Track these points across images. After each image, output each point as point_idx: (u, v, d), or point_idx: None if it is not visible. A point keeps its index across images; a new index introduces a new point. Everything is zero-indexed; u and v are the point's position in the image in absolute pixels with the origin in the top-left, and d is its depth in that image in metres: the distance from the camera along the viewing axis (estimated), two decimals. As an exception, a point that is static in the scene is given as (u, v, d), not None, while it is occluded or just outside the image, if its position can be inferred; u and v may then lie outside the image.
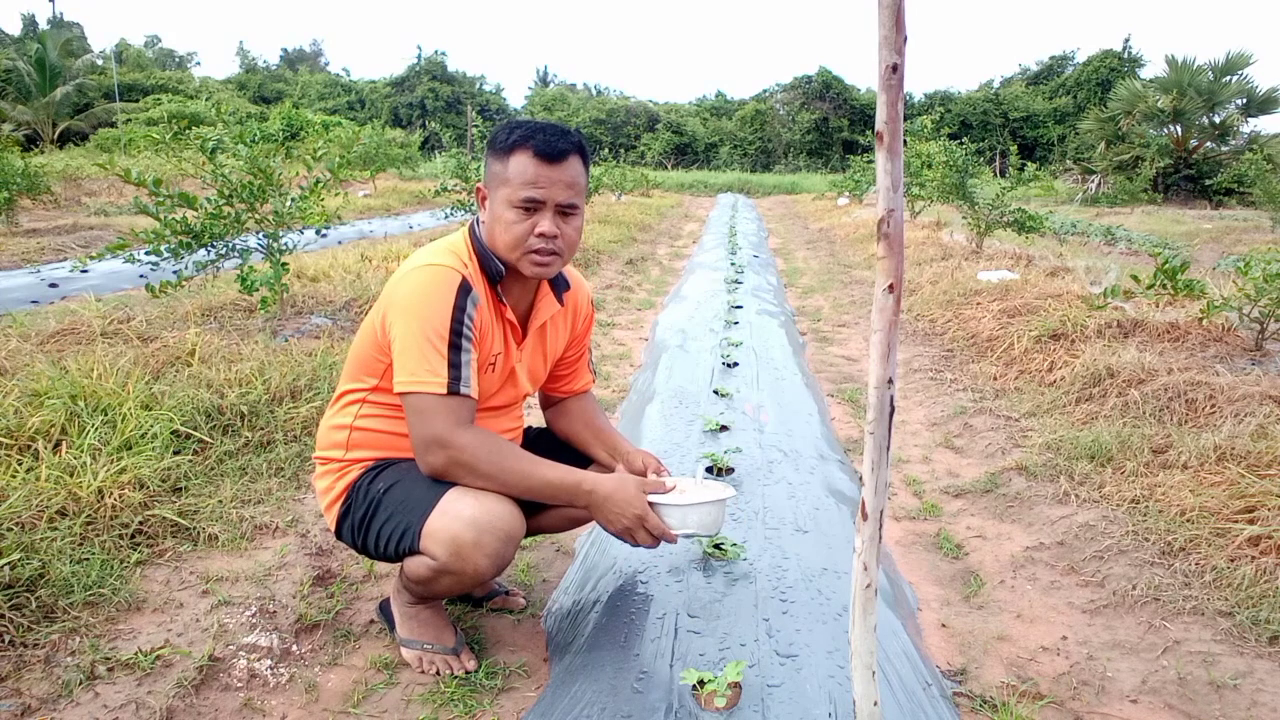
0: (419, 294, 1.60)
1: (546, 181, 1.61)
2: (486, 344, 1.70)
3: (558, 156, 1.61)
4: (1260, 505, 2.41)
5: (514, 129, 1.64)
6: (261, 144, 4.64)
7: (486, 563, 1.61)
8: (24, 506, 2.14)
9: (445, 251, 1.68)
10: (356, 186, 17.12)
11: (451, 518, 1.59)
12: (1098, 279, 6.25)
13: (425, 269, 1.63)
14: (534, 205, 1.62)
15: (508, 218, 1.63)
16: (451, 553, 1.59)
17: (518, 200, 1.61)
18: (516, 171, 1.61)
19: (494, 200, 1.66)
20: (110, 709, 1.62)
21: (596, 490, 1.66)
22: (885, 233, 1.10)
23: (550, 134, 1.63)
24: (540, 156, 1.60)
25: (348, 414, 1.77)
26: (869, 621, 1.24)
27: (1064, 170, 25.77)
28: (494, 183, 1.66)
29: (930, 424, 3.67)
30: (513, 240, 1.64)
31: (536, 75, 52.50)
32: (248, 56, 51.43)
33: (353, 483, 1.75)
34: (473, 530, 1.58)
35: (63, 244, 8.24)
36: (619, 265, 8.44)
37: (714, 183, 27.66)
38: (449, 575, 1.63)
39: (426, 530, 1.61)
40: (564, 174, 1.63)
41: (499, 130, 1.67)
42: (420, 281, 1.62)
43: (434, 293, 1.60)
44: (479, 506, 1.60)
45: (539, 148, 1.60)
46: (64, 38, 29.43)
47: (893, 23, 1.03)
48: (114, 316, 4.10)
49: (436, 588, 1.70)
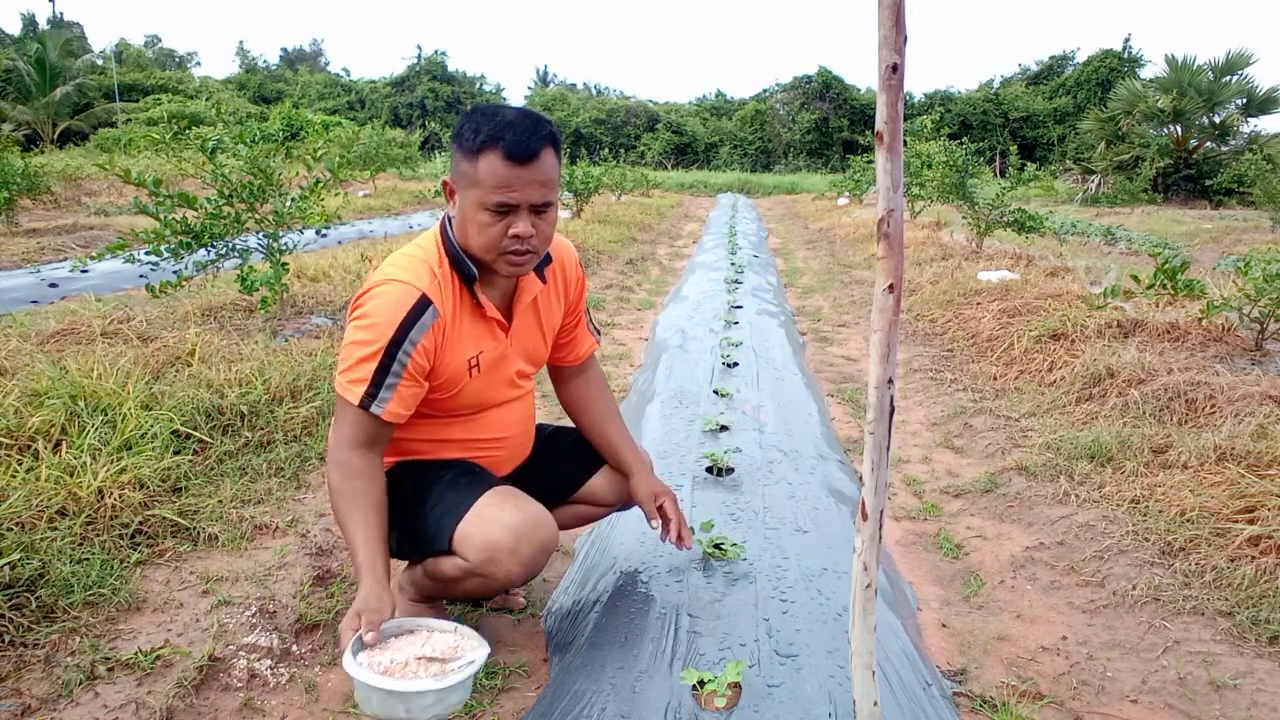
0: (372, 306, 1.58)
1: (519, 183, 1.52)
2: (456, 353, 1.66)
3: (530, 156, 1.52)
4: (1260, 505, 2.41)
5: (481, 124, 1.52)
6: (261, 144, 4.64)
7: (519, 570, 1.61)
8: (24, 506, 2.14)
9: (415, 260, 1.63)
10: (356, 186, 17.11)
11: (490, 522, 1.59)
12: (1098, 279, 6.24)
13: (387, 285, 1.59)
14: (507, 208, 1.55)
15: (480, 220, 1.56)
16: (486, 558, 1.58)
17: (490, 204, 1.54)
18: (487, 173, 1.52)
19: (464, 199, 1.58)
20: (110, 709, 1.62)
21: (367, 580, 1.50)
22: (885, 233, 1.10)
23: (520, 131, 1.51)
24: (511, 158, 1.51)
25: None
26: (869, 621, 1.24)
27: (1064, 170, 25.73)
28: (463, 181, 1.57)
29: (930, 424, 3.67)
30: (486, 243, 1.57)
31: (536, 75, 52.47)
32: (248, 56, 51.45)
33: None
34: (511, 537, 1.58)
35: (63, 244, 8.23)
36: (619, 265, 8.44)
37: (714, 183, 27.62)
38: (477, 578, 1.63)
39: (462, 532, 1.60)
40: (537, 173, 1.53)
41: (465, 123, 1.55)
42: (379, 297, 1.58)
43: (384, 310, 1.56)
44: (519, 514, 1.60)
45: (509, 149, 1.50)
46: (64, 38, 29.41)
47: (893, 23, 1.03)
48: (114, 316, 4.10)
49: (457, 589, 1.69)
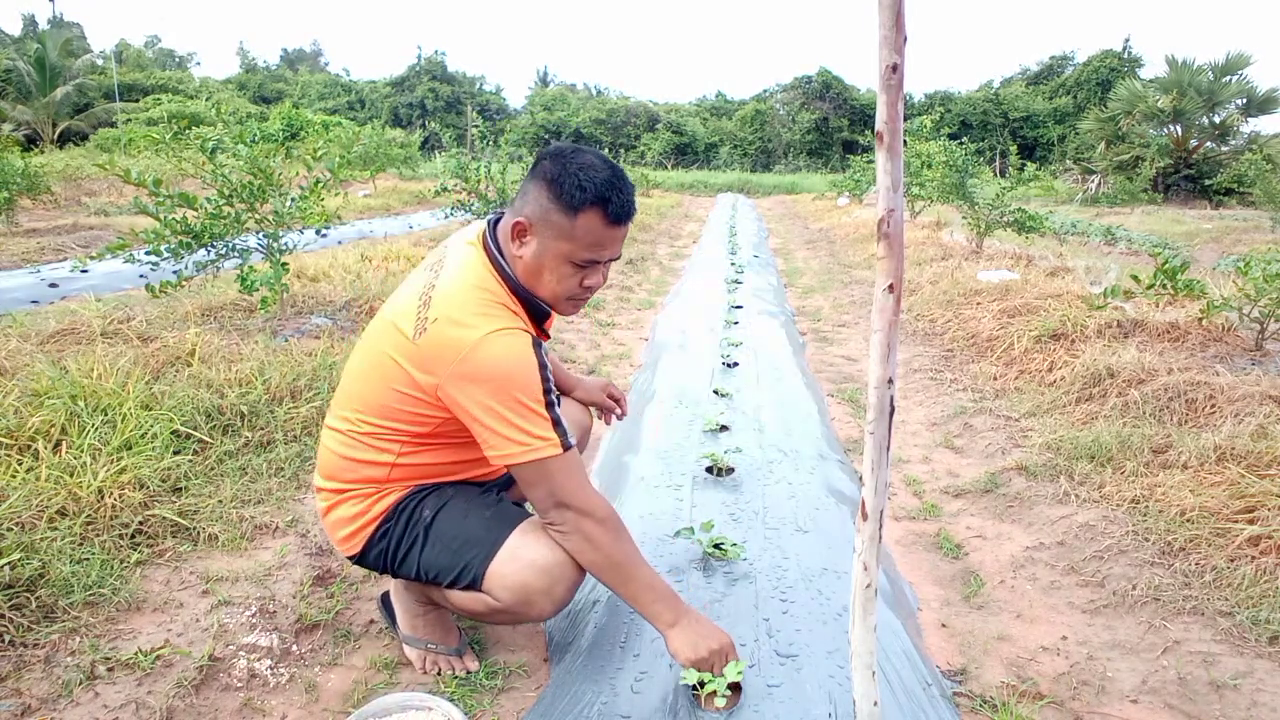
0: (505, 364, 1.50)
1: (612, 242, 1.58)
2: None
3: (629, 219, 1.58)
4: (1260, 505, 2.41)
5: (585, 183, 1.52)
6: (261, 144, 4.64)
7: (552, 609, 1.62)
8: (24, 506, 2.15)
9: (494, 305, 1.57)
10: (356, 186, 17.12)
11: (524, 564, 1.57)
12: (1098, 279, 6.24)
13: (498, 337, 1.51)
14: (594, 264, 1.60)
15: (563, 271, 1.58)
16: (520, 600, 1.58)
17: (581, 259, 1.57)
18: (585, 231, 1.54)
19: (548, 247, 1.57)
20: (110, 709, 1.62)
21: (691, 612, 1.64)
22: (885, 233, 1.10)
23: (624, 194, 1.55)
24: (613, 221, 1.55)
25: (387, 452, 1.64)
26: (869, 621, 1.24)
27: (1064, 170, 25.75)
28: (550, 231, 1.56)
29: (930, 424, 3.67)
30: (563, 291, 1.61)
31: (537, 75, 52.58)
32: (248, 57, 51.52)
33: (394, 505, 1.67)
34: (546, 579, 1.57)
35: (63, 244, 8.23)
36: (619, 265, 8.44)
37: (714, 183, 27.62)
38: (506, 615, 1.63)
39: (493, 572, 1.58)
40: (625, 231, 1.60)
41: (567, 178, 1.53)
42: (501, 352, 1.50)
43: (520, 359, 1.51)
44: (552, 555, 1.58)
45: (614, 213, 1.54)
46: (64, 38, 29.42)
47: (893, 23, 1.03)
48: (114, 316, 4.10)
49: (483, 620, 1.70)
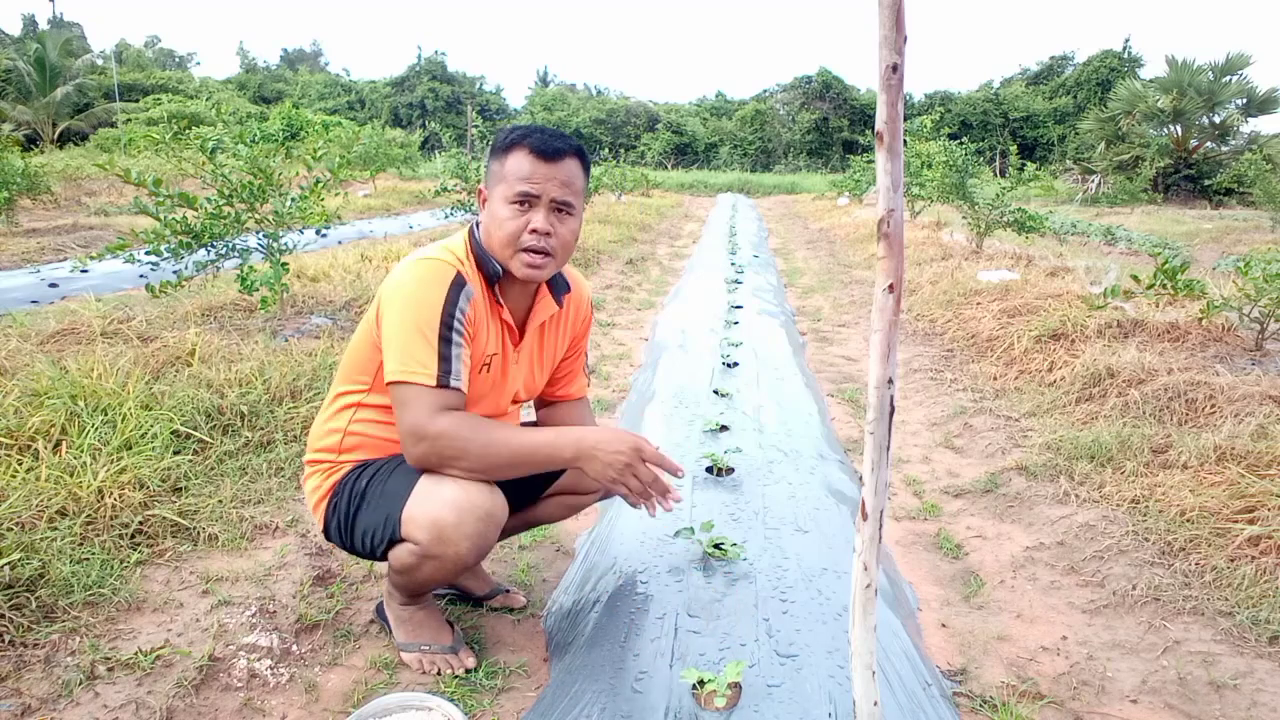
0: (411, 285, 1.61)
1: (541, 177, 1.63)
2: (480, 343, 1.69)
3: (554, 155, 1.64)
4: (1260, 505, 2.41)
5: (514, 130, 1.68)
6: (261, 144, 4.64)
7: (467, 544, 1.61)
8: (24, 506, 2.14)
9: (442, 249, 1.70)
10: (356, 186, 17.12)
11: (432, 499, 1.60)
12: (1098, 279, 6.24)
13: (420, 261, 1.64)
14: (528, 199, 1.63)
15: (502, 214, 1.64)
16: (433, 536, 1.59)
17: (512, 195, 1.63)
18: (513, 168, 1.63)
19: (491, 199, 1.69)
20: (110, 709, 1.62)
21: (585, 437, 1.66)
22: (885, 233, 1.10)
23: (548, 134, 1.66)
24: (536, 153, 1.63)
25: (342, 418, 1.77)
26: (869, 621, 1.24)
27: (1064, 170, 25.78)
28: (492, 181, 1.69)
29: (930, 424, 3.67)
30: (506, 236, 1.64)
31: (537, 75, 52.57)
32: (248, 57, 51.53)
33: (340, 480, 1.75)
34: (453, 511, 1.58)
35: (63, 244, 8.23)
36: (619, 265, 8.44)
37: (714, 183, 27.63)
38: (431, 560, 1.63)
39: (406, 515, 1.62)
40: (560, 172, 1.64)
41: (500, 133, 1.71)
42: (413, 274, 1.62)
43: (426, 284, 1.60)
44: (457, 488, 1.61)
45: (535, 145, 1.63)
46: (64, 38, 29.45)
47: (893, 23, 1.03)
48: (114, 316, 4.10)
49: (420, 575, 1.69)
